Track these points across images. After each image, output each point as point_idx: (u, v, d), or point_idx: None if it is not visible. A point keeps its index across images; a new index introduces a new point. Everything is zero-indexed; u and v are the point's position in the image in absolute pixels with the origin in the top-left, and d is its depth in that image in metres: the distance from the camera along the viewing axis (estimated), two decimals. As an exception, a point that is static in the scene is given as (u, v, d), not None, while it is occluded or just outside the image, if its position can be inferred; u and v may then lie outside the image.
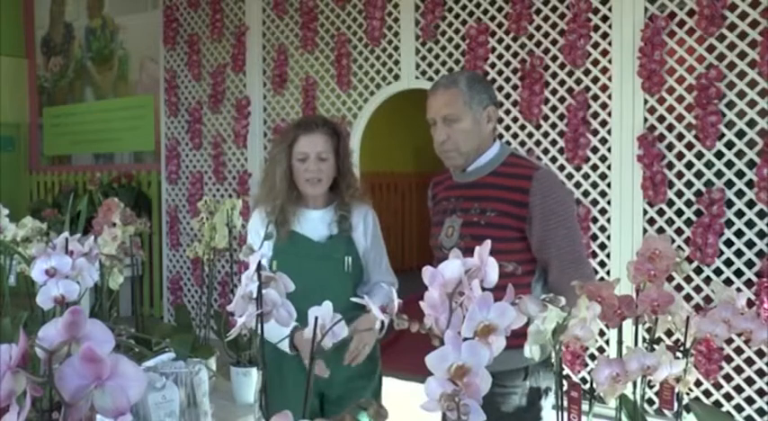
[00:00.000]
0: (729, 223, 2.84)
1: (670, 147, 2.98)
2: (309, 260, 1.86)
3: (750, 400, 2.81)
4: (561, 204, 1.70)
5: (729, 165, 2.84)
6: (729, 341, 2.80)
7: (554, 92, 3.26)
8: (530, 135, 3.32)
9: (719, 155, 2.86)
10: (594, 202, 3.15)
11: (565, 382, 1.23)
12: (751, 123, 2.79)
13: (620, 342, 1.27)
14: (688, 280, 2.91)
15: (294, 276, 1.00)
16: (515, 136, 3.34)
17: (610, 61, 3.10)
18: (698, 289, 2.91)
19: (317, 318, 0.93)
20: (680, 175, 2.95)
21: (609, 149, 3.11)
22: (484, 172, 1.77)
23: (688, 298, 2.89)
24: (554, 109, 3.26)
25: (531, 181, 1.68)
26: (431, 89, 1.81)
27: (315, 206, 1.93)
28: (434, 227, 1.87)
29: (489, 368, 0.81)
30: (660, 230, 2.97)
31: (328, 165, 1.87)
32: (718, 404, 2.84)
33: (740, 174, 2.81)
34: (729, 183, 2.84)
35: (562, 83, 3.23)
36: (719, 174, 2.86)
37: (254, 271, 0.89)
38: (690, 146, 2.93)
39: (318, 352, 0.91)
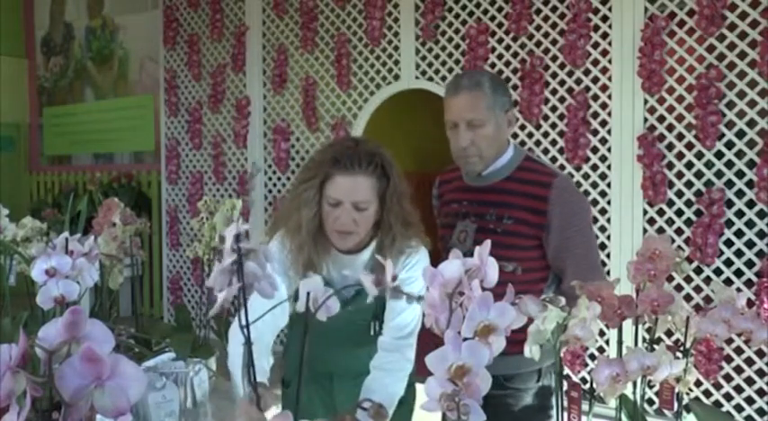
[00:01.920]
0: (729, 223, 2.83)
1: (670, 147, 2.98)
2: (331, 325, 1.54)
3: (750, 400, 2.81)
4: (579, 212, 1.68)
5: (729, 165, 2.84)
6: (729, 341, 2.80)
7: (554, 92, 3.26)
8: (530, 135, 3.32)
9: (719, 155, 2.86)
10: (594, 202, 3.15)
11: (565, 382, 1.23)
12: (751, 123, 2.79)
13: (620, 342, 1.27)
14: (688, 280, 2.91)
15: (313, 338, 0.87)
16: (515, 136, 3.34)
17: (610, 61, 3.10)
18: (698, 289, 2.91)
19: (308, 293, 0.90)
20: (680, 175, 2.95)
21: (609, 149, 3.11)
22: (500, 176, 1.72)
23: (688, 298, 2.89)
24: (554, 109, 3.26)
25: (551, 189, 1.64)
26: (452, 89, 1.70)
27: (346, 250, 1.54)
28: (443, 228, 1.82)
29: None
30: (660, 230, 2.97)
31: (367, 215, 1.46)
32: (718, 404, 2.84)
33: (740, 174, 2.81)
34: (729, 183, 2.84)
35: (562, 83, 3.23)
36: (719, 174, 2.86)
37: (233, 243, 0.83)
38: (690, 146, 2.93)
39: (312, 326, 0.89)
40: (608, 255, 3.10)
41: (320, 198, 1.47)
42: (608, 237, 3.11)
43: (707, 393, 2.89)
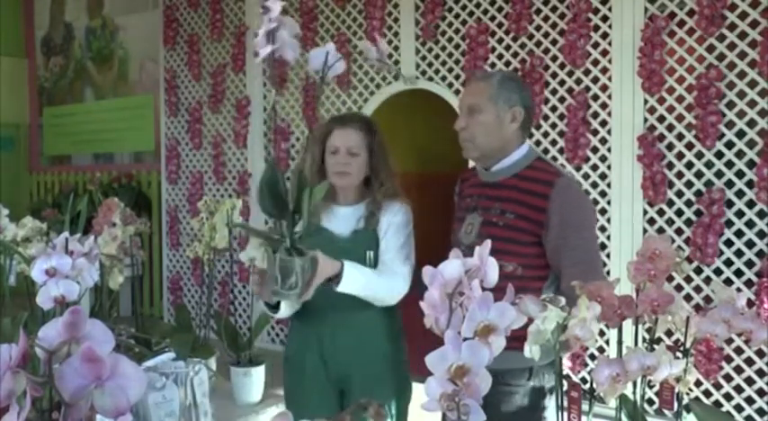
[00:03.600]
0: (729, 223, 2.83)
1: (670, 147, 2.98)
2: (329, 253, 1.74)
3: (750, 400, 2.81)
4: (580, 213, 1.69)
5: (729, 165, 2.84)
6: (729, 341, 2.80)
7: (554, 92, 3.26)
8: (530, 135, 3.31)
9: (719, 155, 2.86)
10: (595, 202, 3.15)
11: (565, 382, 1.23)
12: (751, 123, 2.79)
13: (620, 342, 1.27)
14: (688, 280, 2.91)
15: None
16: (515, 136, 3.34)
17: (610, 61, 3.10)
18: (698, 289, 2.91)
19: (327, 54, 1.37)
20: (680, 175, 2.95)
21: (609, 149, 3.11)
22: (508, 173, 1.76)
23: (688, 298, 2.89)
24: (554, 109, 3.26)
25: (552, 187, 1.66)
26: (466, 82, 1.87)
27: (345, 202, 1.89)
28: (456, 222, 1.88)
29: (493, 366, 0.81)
30: (660, 230, 2.97)
31: (359, 160, 1.84)
32: (718, 404, 2.84)
33: (740, 174, 2.81)
34: (729, 183, 2.84)
35: (562, 83, 3.23)
36: (719, 174, 2.86)
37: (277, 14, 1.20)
38: (690, 146, 2.93)
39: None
40: (608, 255, 3.10)
41: (323, 152, 1.85)
42: (608, 237, 3.11)
43: (707, 393, 2.89)
